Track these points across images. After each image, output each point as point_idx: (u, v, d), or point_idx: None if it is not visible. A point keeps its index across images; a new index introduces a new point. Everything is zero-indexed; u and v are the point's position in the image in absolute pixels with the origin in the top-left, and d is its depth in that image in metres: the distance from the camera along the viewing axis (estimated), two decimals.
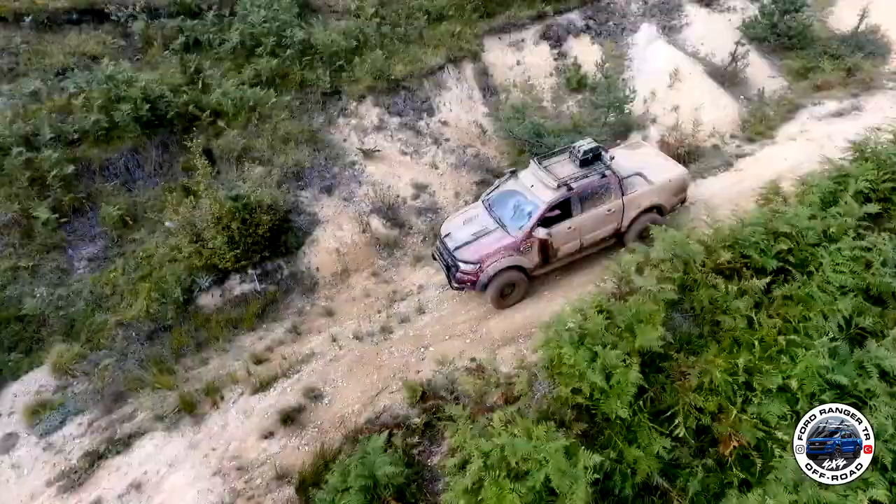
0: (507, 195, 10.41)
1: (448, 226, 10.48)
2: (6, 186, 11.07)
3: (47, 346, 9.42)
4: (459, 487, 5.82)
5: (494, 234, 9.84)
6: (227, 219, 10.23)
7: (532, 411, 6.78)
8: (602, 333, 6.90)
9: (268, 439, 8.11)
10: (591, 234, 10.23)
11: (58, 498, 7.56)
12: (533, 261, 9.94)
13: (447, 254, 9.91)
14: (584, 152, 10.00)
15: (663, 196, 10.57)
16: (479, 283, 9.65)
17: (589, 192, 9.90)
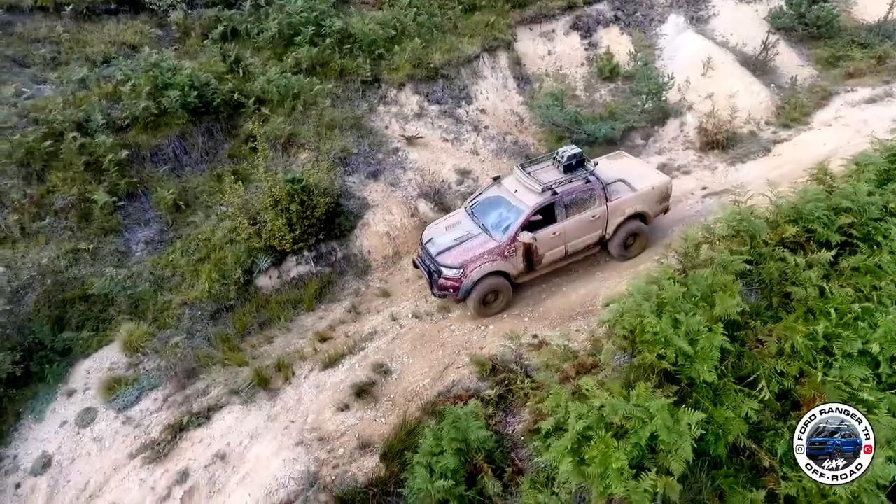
0: (490, 201, 10.31)
1: (430, 232, 10.31)
2: (62, 171, 11.17)
3: (115, 324, 9.54)
4: (560, 447, 5.99)
5: (478, 239, 9.70)
6: (285, 201, 10.38)
7: (612, 379, 6.94)
8: (680, 302, 7.12)
9: (344, 412, 8.26)
10: (576, 241, 10.15)
11: (143, 469, 7.69)
12: (517, 267, 9.80)
13: (429, 259, 9.72)
14: (568, 158, 10.01)
15: (647, 203, 10.53)
16: (461, 289, 9.46)
17: (573, 198, 9.83)
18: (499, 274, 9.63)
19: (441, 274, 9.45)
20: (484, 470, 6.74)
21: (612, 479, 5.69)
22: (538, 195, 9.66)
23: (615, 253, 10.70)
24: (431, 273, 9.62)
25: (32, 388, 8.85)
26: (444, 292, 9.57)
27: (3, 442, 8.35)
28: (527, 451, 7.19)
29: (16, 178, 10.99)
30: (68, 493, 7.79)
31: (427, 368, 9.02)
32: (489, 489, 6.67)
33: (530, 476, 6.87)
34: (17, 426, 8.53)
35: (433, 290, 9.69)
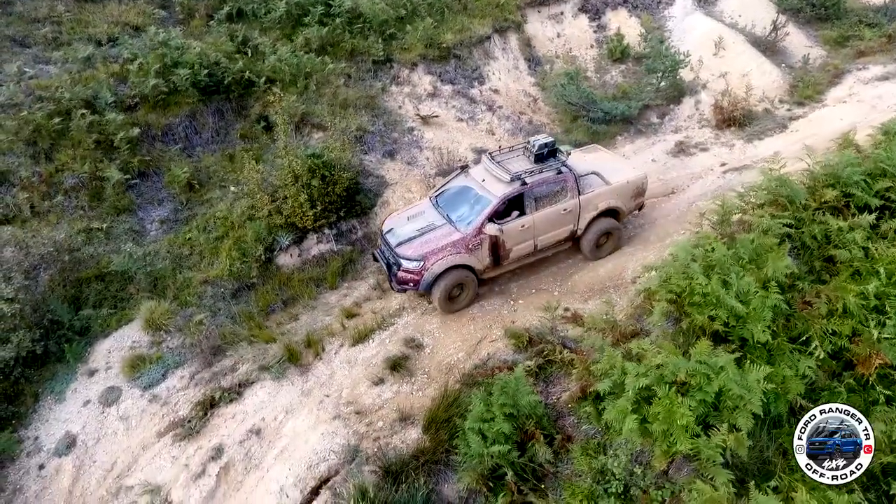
0: (456, 191, 9.69)
1: (390, 222, 9.66)
2: (71, 149, 10.80)
3: (134, 303, 9.23)
4: (620, 407, 5.83)
5: (441, 230, 9.04)
6: (306, 177, 10.12)
7: (661, 342, 6.80)
8: (729, 264, 7.00)
9: (379, 386, 8.04)
10: (546, 236, 9.57)
11: (175, 446, 7.41)
12: (483, 261, 9.17)
13: (388, 251, 9.09)
14: (540, 147, 9.43)
15: (621, 198, 10.03)
16: (422, 283, 8.80)
17: (544, 189, 9.25)
18: (463, 268, 9.00)
19: (400, 266, 8.80)
20: (536, 436, 6.56)
21: (676, 436, 5.55)
22: (507, 185, 9.05)
23: (586, 250, 10.10)
24: (391, 266, 8.97)
25: (50, 369, 8.52)
26: (403, 286, 8.94)
27: (23, 423, 8.02)
28: (574, 419, 7.03)
29: (23, 157, 10.61)
30: (95, 473, 7.49)
31: (460, 342, 8.82)
32: (540, 456, 6.49)
33: (580, 443, 6.72)
34: (37, 407, 8.20)
35: (392, 284, 9.04)
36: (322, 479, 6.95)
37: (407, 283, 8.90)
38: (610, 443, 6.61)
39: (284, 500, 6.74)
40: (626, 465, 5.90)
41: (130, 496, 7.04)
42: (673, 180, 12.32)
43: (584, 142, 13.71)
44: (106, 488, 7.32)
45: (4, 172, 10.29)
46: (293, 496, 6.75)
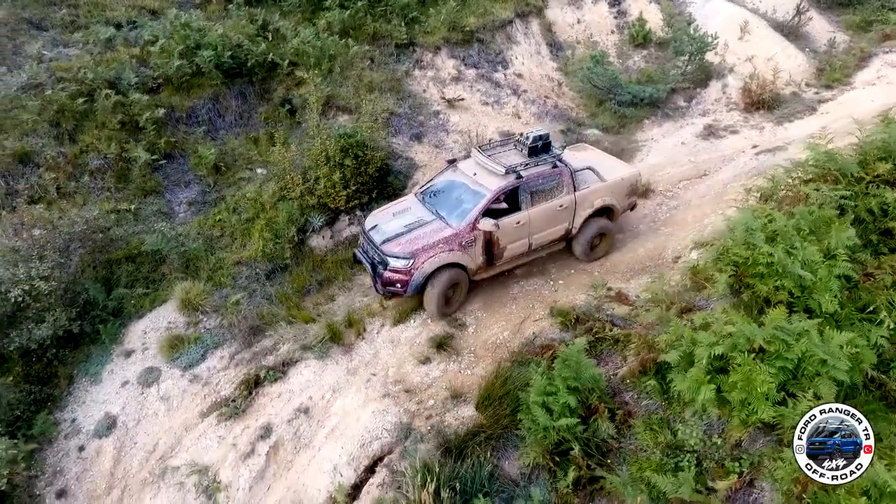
0: (446, 186, 9.06)
1: (374, 218, 8.90)
2: (95, 130, 10.55)
3: (167, 284, 9.00)
4: (694, 377, 5.66)
5: (431, 226, 8.35)
6: (339, 156, 9.91)
7: (729, 312, 6.62)
8: (791, 234, 6.85)
9: (426, 365, 7.85)
10: (540, 234, 8.99)
11: (221, 426, 7.19)
12: (476, 260, 8.48)
13: (372, 249, 8.31)
14: (534, 139, 8.89)
15: (615, 196, 9.56)
16: (411, 284, 8.05)
17: (539, 184, 8.71)
18: (455, 267, 8.34)
19: (387, 265, 8.02)
20: (599, 410, 6.38)
21: (756, 404, 5.38)
22: (501, 178, 8.50)
23: (580, 251, 9.57)
24: (375, 265, 8.21)
25: (84, 351, 8.28)
26: (390, 288, 8.16)
27: (59, 406, 7.78)
28: (633, 394, 6.85)
29: (46, 138, 10.34)
30: (136, 455, 7.26)
31: (503, 322, 8.64)
32: (603, 431, 6.31)
33: (642, 418, 6.55)
34: (71, 389, 7.96)
35: (377, 287, 8.25)
36: (376, 458, 6.75)
37: (394, 283, 8.09)
38: (674, 417, 6.45)
39: (338, 478, 6.54)
40: (699, 437, 5.72)
41: (177, 477, 6.82)
42: (704, 163, 12.17)
43: (611, 126, 13.58)
44: (149, 470, 7.09)
45: (29, 153, 10.03)
46: (347, 475, 6.55)
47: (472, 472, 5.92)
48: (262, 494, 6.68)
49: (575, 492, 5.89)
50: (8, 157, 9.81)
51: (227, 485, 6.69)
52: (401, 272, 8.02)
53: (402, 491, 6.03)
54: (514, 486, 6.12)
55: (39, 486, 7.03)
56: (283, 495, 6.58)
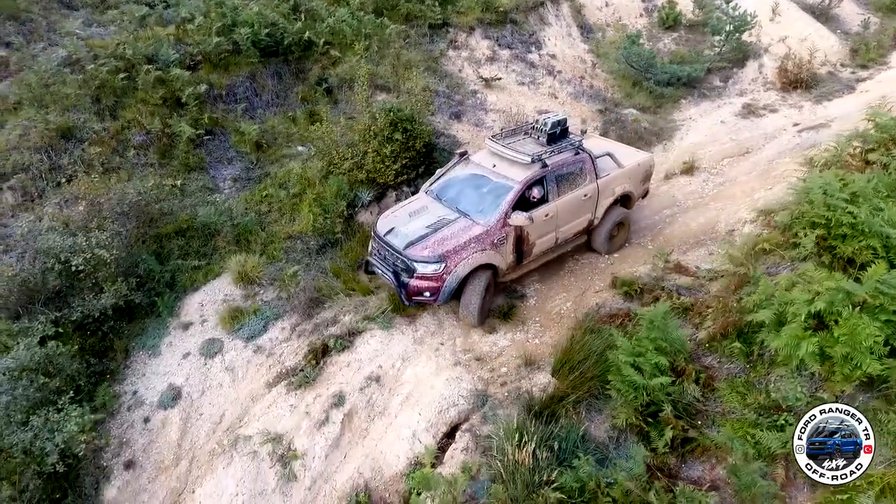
0: (462, 180, 8.36)
1: (387, 221, 8.00)
2: (137, 106, 10.38)
3: (219, 257, 8.83)
4: (792, 333, 5.56)
5: (458, 224, 7.62)
6: (388, 130, 9.77)
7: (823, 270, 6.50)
8: (871, 195, 6.77)
9: (492, 334, 7.75)
10: (567, 226, 8.49)
11: (291, 395, 7.05)
12: (507, 259, 7.86)
13: (392, 256, 7.51)
14: (553, 125, 8.37)
15: (633, 182, 9.24)
16: (444, 291, 7.29)
17: (564, 172, 8.20)
18: (488, 269, 7.69)
19: (414, 272, 7.24)
20: (687, 372, 6.27)
21: (860, 358, 5.29)
22: (526, 168, 7.89)
23: (600, 243, 9.15)
24: (399, 274, 7.40)
25: (139, 324, 8.11)
26: (418, 298, 7.41)
27: (117, 379, 7.60)
28: (714, 359, 6.73)
29: (87, 113, 10.17)
30: (203, 426, 7.11)
31: (564, 293, 8.55)
32: (689, 393, 6.20)
33: (726, 381, 6.44)
34: (129, 363, 7.79)
35: (402, 297, 7.46)
36: (454, 424, 6.63)
37: (423, 292, 7.32)
38: (759, 379, 6.35)
39: (417, 445, 6.42)
40: (801, 393, 5.61)
41: (249, 446, 6.66)
42: (746, 141, 12.10)
43: (647, 106, 13.50)
44: (216, 441, 6.94)
45: (71, 128, 9.85)
46: (426, 441, 6.42)
47: (566, 432, 5.79)
48: (338, 462, 6.54)
49: (669, 453, 5.78)
50: (51, 131, 9.62)
51: (303, 453, 6.54)
52: (431, 278, 7.25)
53: (491, 453, 5.91)
54: (603, 448, 6.00)
55: (106, 457, 6.87)
56: (361, 462, 6.44)
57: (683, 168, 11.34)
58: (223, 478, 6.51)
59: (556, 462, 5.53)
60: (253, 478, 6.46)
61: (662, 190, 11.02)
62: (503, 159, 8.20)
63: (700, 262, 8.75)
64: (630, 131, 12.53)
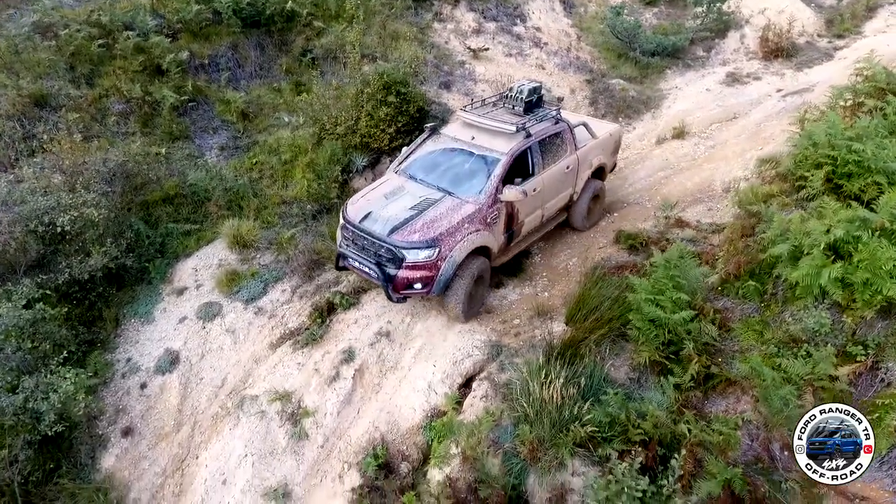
0: (437, 157, 7.52)
1: (360, 206, 6.91)
2: (115, 75, 9.90)
3: (211, 223, 8.48)
4: (812, 264, 5.56)
5: (445, 204, 6.75)
6: (381, 94, 9.54)
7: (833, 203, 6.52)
8: (875, 134, 6.85)
9: (500, 289, 7.62)
10: (552, 202, 7.89)
11: (298, 353, 6.77)
12: (499, 240, 7.13)
13: (373, 245, 6.47)
14: (530, 92, 7.79)
15: (606, 153, 8.85)
16: (439, 280, 6.40)
17: (546, 143, 7.64)
18: (481, 252, 6.89)
19: (402, 261, 6.29)
20: (705, 310, 6.22)
21: (880, 283, 5.31)
22: (510, 138, 7.22)
23: (580, 218, 8.63)
24: (383, 265, 6.40)
25: (129, 293, 7.71)
26: (408, 291, 6.46)
27: (108, 348, 7.20)
28: (725, 302, 6.71)
29: (62, 81, 9.65)
30: (204, 390, 6.78)
31: (568, 250, 8.47)
32: (706, 333, 6.15)
33: (740, 321, 6.43)
34: (120, 331, 7.40)
35: (388, 293, 6.43)
36: (469, 375, 6.46)
37: (413, 283, 6.38)
38: (773, 318, 6.34)
39: (433, 396, 6.23)
40: (822, 322, 5.59)
41: (256, 406, 6.37)
42: (732, 107, 12.22)
43: (633, 77, 13.55)
44: (219, 404, 6.62)
45: (45, 96, 9.33)
46: (442, 392, 6.23)
47: (590, 371, 5.67)
48: (352, 418, 6.30)
49: (693, 388, 5.71)
50: (24, 98, 9.10)
51: (314, 410, 6.29)
52: (423, 267, 6.31)
53: (514, 396, 5.76)
54: (625, 389, 5.90)
55: (101, 425, 6.49)
56: (376, 416, 6.21)
57: (674, 133, 11.39)
58: (230, 439, 6.21)
59: (583, 400, 5.40)
60: (262, 438, 6.17)
61: (655, 153, 11.05)
62: (483, 130, 7.46)
63: (700, 218, 8.79)
64: (618, 100, 12.55)
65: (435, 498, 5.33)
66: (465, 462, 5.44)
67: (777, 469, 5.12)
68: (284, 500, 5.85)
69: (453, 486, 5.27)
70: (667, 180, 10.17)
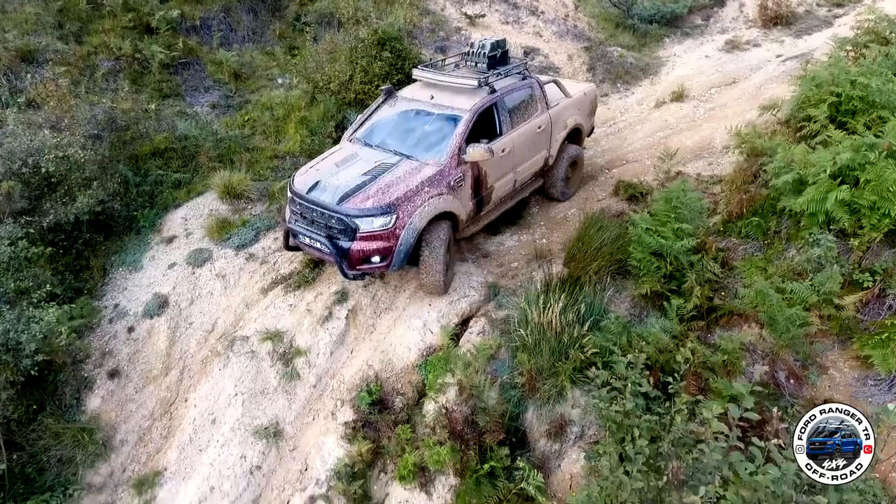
0: (393, 120, 6.99)
1: (307, 177, 6.31)
2: (104, 33, 9.72)
3: (201, 176, 8.27)
4: (820, 186, 5.41)
5: (403, 167, 6.20)
6: (375, 50, 9.38)
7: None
8: (879, 71, 6.71)
9: (498, 236, 7.48)
10: (524, 166, 7.33)
11: (290, 295, 6.60)
12: (466, 207, 6.50)
13: (322, 217, 5.88)
14: (493, 47, 7.25)
15: (582, 114, 8.33)
16: (398, 250, 5.78)
17: (514, 100, 7.11)
18: (445, 219, 6.25)
19: (357, 232, 5.69)
20: (708, 245, 6.07)
21: (888, 206, 5.16)
22: (473, 94, 6.68)
23: (557, 185, 8.08)
24: (335, 238, 5.81)
25: (117, 242, 7.52)
26: (365, 266, 5.83)
27: (95, 296, 7.00)
28: (727, 242, 6.57)
29: (50, 38, 9.46)
30: (193, 334, 6.59)
31: (566, 203, 8.29)
32: (709, 270, 6.00)
33: (742, 259, 6.28)
34: (107, 280, 7.20)
35: (343, 269, 5.82)
36: (466, 316, 6.31)
37: (370, 256, 5.76)
38: (776, 255, 6.20)
39: (428, 335, 6.06)
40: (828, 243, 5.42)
41: (247, 346, 6.19)
42: (732, 72, 12.10)
43: (631, 45, 13.41)
44: (209, 349, 6.44)
45: (32, 51, 9.14)
46: (437, 330, 6.06)
47: (591, 298, 5.51)
48: (345, 358, 6.13)
49: (697, 319, 5.56)
50: (11, 53, 8.90)
51: (306, 350, 6.11)
52: (380, 237, 5.72)
53: (513, 327, 5.60)
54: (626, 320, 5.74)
55: (87, 368, 6.28)
56: (370, 356, 6.04)
57: (673, 96, 11.24)
58: (220, 379, 6.03)
59: (581, 326, 5.24)
60: (253, 377, 6.00)
61: (655, 115, 10.90)
62: (443, 88, 6.93)
63: (701, 171, 8.67)
64: (616, 66, 12.41)
65: (430, 428, 5.17)
66: (461, 392, 5.27)
67: (784, 395, 4.98)
68: (275, 438, 5.68)
69: (449, 417, 5.10)
70: (666, 140, 10.01)
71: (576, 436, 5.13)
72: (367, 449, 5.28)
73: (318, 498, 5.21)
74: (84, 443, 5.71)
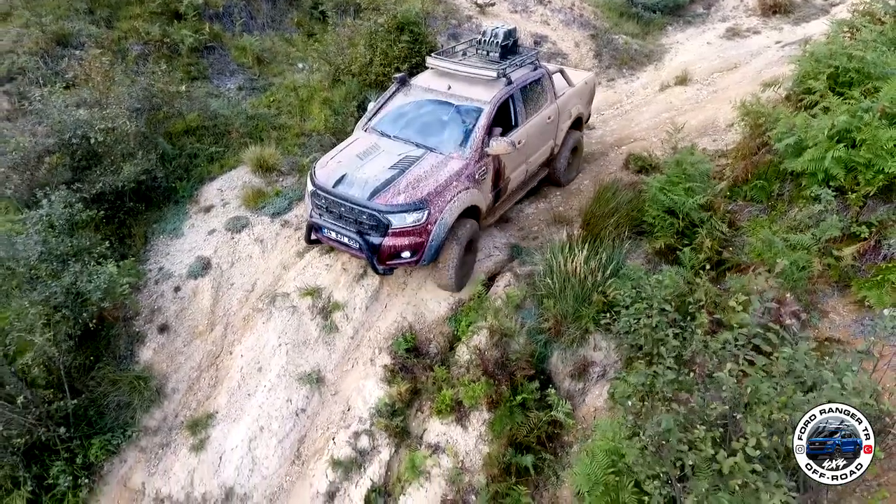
0: (410, 110, 6.92)
1: (330, 170, 6.22)
2: (132, 20, 10.16)
3: (233, 152, 8.71)
4: (819, 146, 5.88)
5: (428, 160, 6.19)
6: (395, 34, 9.83)
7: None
8: (875, 45, 7.18)
9: (517, 204, 7.89)
10: (535, 156, 7.41)
11: (326, 256, 7.05)
12: (487, 199, 6.60)
13: (352, 212, 5.87)
14: (506, 36, 7.17)
15: (583, 102, 8.44)
16: (430, 245, 5.85)
17: (528, 92, 7.09)
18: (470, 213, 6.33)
19: (389, 228, 5.71)
20: (716, 206, 6.54)
21: (882, 163, 5.63)
22: (491, 85, 6.64)
23: (561, 172, 8.12)
24: (365, 234, 5.83)
25: (156, 213, 7.95)
26: (395, 262, 5.93)
27: (140, 260, 7.44)
28: (733, 206, 7.03)
29: (82, 23, 9.90)
30: (235, 294, 7.03)
31: (580, 175, 8.76)
32: (717, 229, 6.46)
33: (747, 221, 6.75)
34: (149, 247, 7.64)
35: (374, 264, 5.88)
36: (492, 274, 6.76)
37: (401, 252, 5.82)
38: (779, 216, 6.67)
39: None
40: (827, 196, 5.87)
41: (288, 302, 6.64)
42: (733, 58, 12.59)
43: (636, 34, 13.89)
44: (251, 307, 6.87)
45: (67, 35, 9.57)
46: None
47: (615, 246, 5.98)
48: (379, 312, 6.58)
49: (707, 270, 6.02)
50: (47, 35, 9.33)
51: (344, 304, 6.56)
52: (412, 232, 5.74)
53: (538, 278, 6.05)
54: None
55: (138, 323, 6.73)
56: (403, 309, 6.50)
57: (677, 80, 11.72)
58: (264, 332, 6.47)
59: (605, 273, 5.71)
60: (294, 329, 6.44)
61: (660, 98, 11.38)
62: (460, 78, 6.85)
63: (706, 147, 9.13)
64: (622, 53, 12.89)
65: (465, 368, 5.62)
66: (492, 336, 5.73)
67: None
68: (318, 384, 6.12)
69: (482, 357, 5.55)
70: (671, 120, 10.46)
71: (598, 374, 5.60)
72: (405, 389, 5.73)
73: (361, 433, 5.65)
74: (140, 389, 6.15)
